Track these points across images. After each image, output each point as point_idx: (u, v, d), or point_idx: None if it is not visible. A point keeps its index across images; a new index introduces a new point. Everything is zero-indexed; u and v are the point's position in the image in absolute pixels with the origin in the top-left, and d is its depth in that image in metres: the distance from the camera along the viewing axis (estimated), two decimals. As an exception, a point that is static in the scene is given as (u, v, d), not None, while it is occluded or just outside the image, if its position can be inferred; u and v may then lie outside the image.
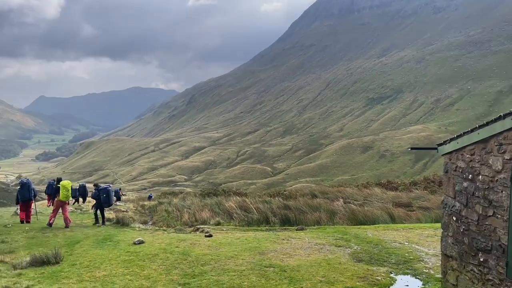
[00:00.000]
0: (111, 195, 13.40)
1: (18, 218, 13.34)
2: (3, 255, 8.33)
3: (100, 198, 13.25)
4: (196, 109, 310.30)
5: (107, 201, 13.28)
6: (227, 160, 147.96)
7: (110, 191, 13.45)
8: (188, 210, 15.69)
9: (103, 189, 13.41)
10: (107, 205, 13.57)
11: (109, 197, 13.27)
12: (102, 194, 13.23)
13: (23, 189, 13.05)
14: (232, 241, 9.59)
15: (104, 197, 13.19)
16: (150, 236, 10.42)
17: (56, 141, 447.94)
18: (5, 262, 7.75)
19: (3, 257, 8.01)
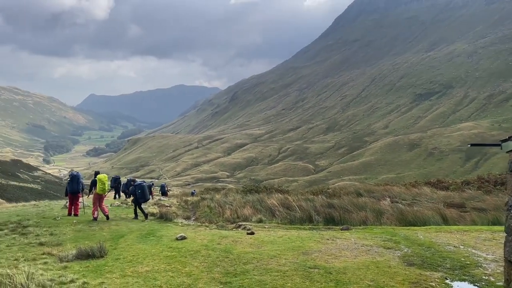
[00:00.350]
0: (145, 191, 13.56)
1: (67, 211, 13.80)
2: (51, 247, 8.54)
3: (136, 194, 13.48)
4: (238, 106, 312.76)
5: (142, 196, 13.46)
6: (268, 157, 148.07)
7: (145, 187, 13.61)
8: (230, 207, 15.62)
9: (138, 185, 13.60)
10: (143, 200, 13.72)
11: (143, 192, 13.44)
12: (137, 190, 13.46)
13: (72, 182, 13.50)
14: (275, 240, 9.34)
15: (139, 193, 13.39)
16: (192, 232, 10.38)
17: (105, 137, 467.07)
18: (52, 255, 7.92)
19: (51, 250, 8.20)
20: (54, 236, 9.84)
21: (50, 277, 6.34)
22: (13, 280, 5.77)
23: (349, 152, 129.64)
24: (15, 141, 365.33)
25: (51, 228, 10.70)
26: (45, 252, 8.05)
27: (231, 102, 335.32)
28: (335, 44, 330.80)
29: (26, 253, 8.13)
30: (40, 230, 10.32)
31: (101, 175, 13.53)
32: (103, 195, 13.46)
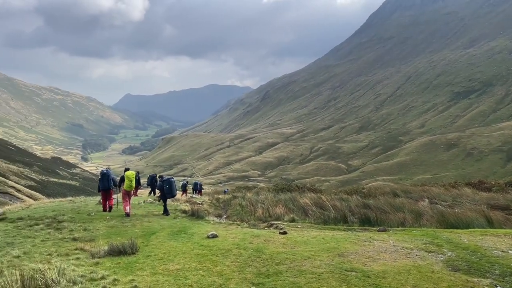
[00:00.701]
0: (173, 186, 13.57)
1: (102, 207, 13.97)
2: (84, 243, 8.56)
3: (164, 189, 13.54)
4: (270, 105, 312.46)
5: (169, 192, 13.49)
6: (300, 156, 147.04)
7: (173, 183, 13.65)
8: (261, 205, 15.36)
9: (166, 180, 13.62)
10: (170, 196, 13.73)
11: (171, 188, 13.47)
12: (165, 185, 13.49)
13: (103, 179, 13.71)
14: (308, 240, 9.01)
15: (167, 188, 13.44)
16: (224, 230, 10.20)
17: (140, 136, 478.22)
18: (85, 250, 7.92)
19: (84, 245, 8.22)
20: (87, 231, 9.90)
21: (81, 273, 6.30)
22: (45, 275, 5.74)
23: (383, 152, 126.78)
24: (56, 139, 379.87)
25: (85, 223, 10.79)
26: (77, 248, 8.07)
27: (262, 101, 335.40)
28: (369, 41, 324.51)
29: (60, 248, 8.18)
30: (74, 226, 10.42)
31: (129, 172, 13.66)
32: (131, 192, 13.54)
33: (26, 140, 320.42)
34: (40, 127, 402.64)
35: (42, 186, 57.82)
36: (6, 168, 58.19)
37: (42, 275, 5.76)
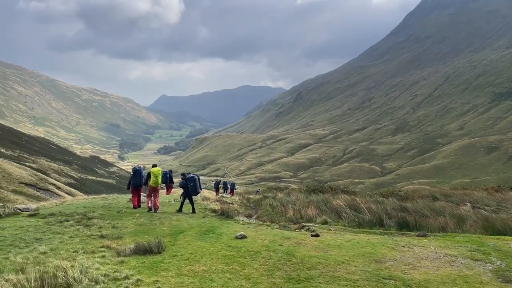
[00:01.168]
0: (197, 184, 13.59)
1: (132, 204, 13.94)
2: (111, 240, 8.43)
3: (188, 187, 13.53)
4: (303, 106, 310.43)
5: (194, 189, 13.52)
6: (333, 158, 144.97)
7: (197, 180, 13.64)
8: (293, 206, 14.90)
9: (190, 178, 13.62)
10: (194, 193, 13.73)
11: (195, 186, 13.50)
12: (189, 183, 13.52)
13: (135, 176, 13.81)
14: (342, 244, 8.50)
15: (191, 186, 13.47)
16: (253, 231, 9.83)
17: (174, 136, 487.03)
18: (111, 248, 7.76)
19: (110, 243, 8.07)
20: (115, 229, 9.79)
21: (104, 272, 6.10)
22: (67, 273, 5.56)
23: (420, 154, 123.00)
24: (94, 139, 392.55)
25: (114, 220, 10.71)
26: (104, 245, 7.93)
27: (295, 102, 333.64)
28: (406, 41, 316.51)
29: (87, 245, 8.06)
30: (103, 223, 10.36)
31: (155, 168, 13.83)
32: (157, 188, 13.61)
33: (67, 139, 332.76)
34: (80, 127, 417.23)
35: (81, 184, 59.56)
36: (47, 166, 60.38)
37: (64, 273, 5.59)
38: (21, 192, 35.37)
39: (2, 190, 32.89)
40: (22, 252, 7.34)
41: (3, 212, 10.90)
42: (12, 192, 33.66)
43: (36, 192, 37.63)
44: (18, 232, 9.00)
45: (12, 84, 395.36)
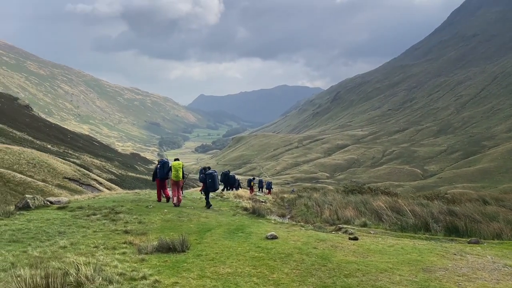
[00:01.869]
0: (216, 180, 13.53)
1: (163, 200, 13.60)
2: (135, 236, 8.01)
3: (206, 183, 13.48)
4: (341, 106, 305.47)
5: (212, 185, 13.46)
6: (371, 160, 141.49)
7: (215, 177, 13.56)
8: (329, 207, 14.06)
9: (209, 174, 13.58)
10: (212, 189, 13.63)
11: (214, 182, 13.44)
12: (208, 179, 13.46)
13: (163, 168, 13.66)
14: (384, 249, 7.65)
15: (209, 182, 13.41)
16: (285, 232, 9.14)
17: (211, 135, 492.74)
18: (133, 244, 7.32)
19: (133, 239, 7.64)
20: (142, 224, 9.39)
21: (121, 271, 5.62)
22: (80, 271, 5.11)
23: (464, 157, 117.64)
24: (135, 137, 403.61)
25: (141, 216, 10.33)
26: (126, 241, 7.50)
27: (333, 102, 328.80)
28: (451, 39, 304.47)
29: (109, 240, 7.66)
30: (130, 217, 9.99)
31: (175, 162, 13.71)
32: (179, 182, 13.42)
33: (109, 137, 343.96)
34: (122, 125, 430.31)
35: (121, 180, 60.95)
36: (90, 162, 62.24)
37: (77, 270, 5.14)
38: (65, 187, 36.38)
39: (47, 184, 33.93)
40: (42, 245, 7.02)
41: (32, 204, 10.79)
42: (56, 187, 34.65)
43: (78, 187, 38.63)
44: (43, 225, 8.76)
45: (60, 83, 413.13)
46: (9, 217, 9.58)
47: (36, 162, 39.02)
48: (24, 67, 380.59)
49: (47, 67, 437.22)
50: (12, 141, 50.95)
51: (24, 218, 9.50)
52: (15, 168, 34.96)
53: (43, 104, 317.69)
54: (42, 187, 31.34)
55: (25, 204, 10.64)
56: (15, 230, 8.18)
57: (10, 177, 30.42)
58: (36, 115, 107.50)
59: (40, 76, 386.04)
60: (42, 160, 40.13)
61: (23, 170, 35.76)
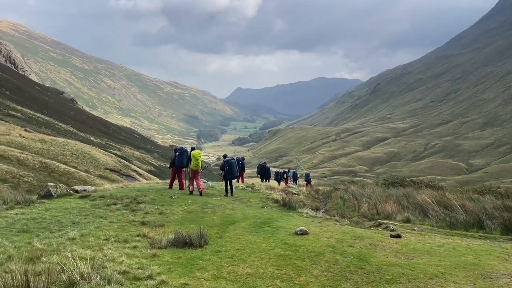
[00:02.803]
0: (233, 167, 13.22)
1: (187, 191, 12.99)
2: (151, 228, 7.37)
3: (224, 170, 13.22)
4: (381, 98, 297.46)
5: (229, 173, 13.15)
6: (412, 153, 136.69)
7: (233, 164, 13.30)
8: (368, 200, 12.92)
9: (227, 161, 13.37)
10: (230, 177, 13.24)
11: (231, 169, 13.15)
12: (225, 166, 13.19)
13: (182, 156, 13.49)
14: (433, 249, 6.59)
15: (227, 169, 13.13)
16: (318, 227, 8.20)
17: (248, 128, 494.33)
18: (148, 237, 6.66)
19: (149, 231, 6.99)
20: (162, 215, 8.75)
21: (125, 268, 4.93)
22: (75, 267, 4.46)
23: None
24: (174, 129, 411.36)
25: (164, 206, 9.70)
26: (141, 234, 6.85)
27: (372, 94, 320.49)
28: (499, 27, 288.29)
29: (123, 232, 7.05)
30: (151, 208, 9.39)
31: (195, 151, 13.49)
32: (198, 170, 13.19)
33: (150, 130, 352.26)
34: (161, 118, 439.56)
35: (160, 171, 61.72)
36: (130, 154, 63.42)
37: (74, 267, 4.49)
38: (106, 177, 36.95)
39: (89, 174, 34.55)
40: (50, 237, 6.50)
41: (55, 192, 10.44)
42: (98, 177, 35.22)
43: (119, 177, 39.16)
44: (59, 214, 8.30)
45: (103, 77, 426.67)
46: (29, 205, 9.24)
47: (79, 153, 40.01)
48: (70, 62, 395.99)
49: (91, 62, 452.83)
50: (57, 133, 52.57)
51: (43, 206, 9.12)
52: (59, 159, 35.89)
53: (87, 98, 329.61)
54: (85, 177, 31.93)
55: (47, 193, 10.30)
56: (30, 219, 7.76)
57: (54, 168, 31.18)
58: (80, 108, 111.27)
59: (84, 71, 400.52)
60: (85, 152, 41.11)
61: (67, 161, 36.70)
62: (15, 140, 36.33)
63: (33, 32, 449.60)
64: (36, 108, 65.48)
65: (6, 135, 36.80)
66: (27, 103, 66.66)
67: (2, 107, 51.91)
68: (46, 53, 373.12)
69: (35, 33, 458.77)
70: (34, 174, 27.79)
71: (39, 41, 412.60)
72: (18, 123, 46.02)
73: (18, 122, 47.52)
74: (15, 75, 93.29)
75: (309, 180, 30.66)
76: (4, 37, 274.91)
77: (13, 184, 23.28)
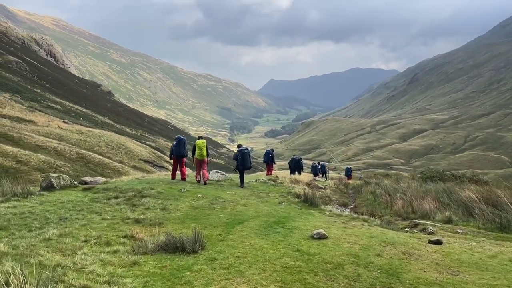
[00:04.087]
0: (246, 158, 12.59)
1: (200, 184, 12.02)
2: (145, 227, 6.39)
3: (237, 160, 12.63)
4: (418, 89, 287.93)
5: (241, 163, 12.50)
6: (452, 146, 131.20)
7: (246, 154, 12.67)
8: (402, 196, 11.50)
9: (239, 151, 12.76)
10: (242, 168, 12.51)
11: (243, 159, 12.51)
12: (238, 155, 12.59)
13: (179, 145, 12.90)
14: (482, 261, 5.26)
15: (239, 160, 12.50)
16: (340, 228, 6.97)
17: (281, 120, 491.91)
18: (136, 239, 5.67)
19: (140, 231, 6.00)
20: (164, 211, 7.77)
21: (85, 283, 3.93)
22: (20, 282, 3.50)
23: None
24: (208, 122, 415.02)
25: (169, 201, 8.73)
26: (128, 235, 5.87)
27: (410, 84, 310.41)
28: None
29: (110, 232, 6.10)
30: (154, 202, 8.44)
31: (199, 140, 12.88)
32: (204, 160, 12.52)
33: (184, 122, 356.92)
34: (195, 110, 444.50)
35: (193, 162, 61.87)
36: (164, 145, 63.74)
37: (18, 281, 3.53)
38: (140, 168, 36.98)
39: (123, 165, 34.64)
40: (26, 236, 5.64)
41: (57, 184, 9.71)
42: (132, 168, 35.26)
43: (152, 168, 39.16)
44: (51, 209, 7.49)
45: (139, 70, 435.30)
46: (26, 197, 8.52)
47: (114, 145, 40.59)
48: (108, 56, 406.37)
49: (127, 55, 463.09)
50: (94, 124, 53.53)
51: (39, 199, 8.37)
52: (95, 149, 36.46)
53: (124, 91, 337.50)
54: (119, 168, 32.15)
55: (49, 184, 9.58)
56: (17, 214, 6.98)
57: (90, 158, 31.66)
58: (117, 101, 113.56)
59: (121, 64, 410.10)
60: (120, 143, 41.58)
61: (103, 151, 37.26)
62: (53, 131, 37.11)
63: (73, 27, 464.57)
64: (74, 101, 67.06)
65: (45, 126, 37.81)
66: (66, 95, 68.39)
67: (43, 99, 53.46)
68: (85, 47, 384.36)
69: (75, 28, 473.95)
70: (71, 165, 28.04)
71: (78, 35, 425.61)
72: (57, 115, 47.22)
73: (57, 114, 48.77)
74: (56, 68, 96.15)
75: (349, 175, 29.37)
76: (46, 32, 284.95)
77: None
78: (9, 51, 75.50)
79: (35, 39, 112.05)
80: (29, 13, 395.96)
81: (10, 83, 53.14)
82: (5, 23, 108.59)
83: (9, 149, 23.66)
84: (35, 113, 42.94)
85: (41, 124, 38.27)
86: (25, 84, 58.42)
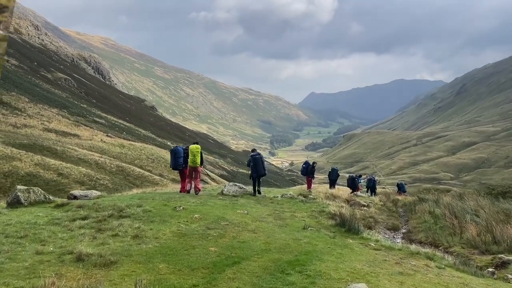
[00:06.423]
0: (259, 164, 11.80)
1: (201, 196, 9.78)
2: (84, 269, 4.12)
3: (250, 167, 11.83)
4: (467, 100, 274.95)
5: (254, 170, 11.71)
6: (505, 159, 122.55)
7: (258, 160, 11.88)
8: (474, 218, 8.62)
9: (252, 157, 12.00)
10: (255, 175, 11.74)
11: (256, 166, 11.75)
12: (250, 162, 11.81)
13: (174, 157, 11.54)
14: None
15: (252, 166, 11.75)
16: (394, 276, 4.36)
17: (322, 133, 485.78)
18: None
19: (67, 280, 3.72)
20: (135, 240, 5.48)
21: None
22: None
23: None
24: (248, 135, 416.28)
25: (152, 224, 6.41)
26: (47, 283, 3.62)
27: (457, 95, 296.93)
28: None
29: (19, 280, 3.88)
30: (129, 226, 6.15)
31: (193, 145, 11.43)
32: (197, 168, 11.33)
33: (225, 135, 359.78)
34: (236, 124, 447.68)
35: (232, 176, 60.38)
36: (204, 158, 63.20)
37: None
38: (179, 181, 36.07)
39: (163, 178, 33.68)
40: None
41: (25, 199, 7.73)
42: (171, 181, 34.29)
43: (192, 181, 38.23)
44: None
45: (182, 86, 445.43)
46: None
47: (154, 158, 40.49)
48: (152, 72, 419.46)
49: (171, 71, 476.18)
50: (137, 138, 53.86)
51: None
52: (136, 162, 36.35)
53: (167, 106, 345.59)
54: (158, 180, 31.58)
55: (15, 199, 7.63)
56: None
57: (130, 171, 31.51)
58: (159, 115, 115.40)
59: (165, 80, 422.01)
60: (160, 156, 41.37)
61: (143, 164, 37.03)
62: (96, 144, 37.25)
63: (120, 46, 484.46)
64: (119, 115, 68.11)
65: (89, 140, 38.33)
66: (111, 110, 69.68)
67: (88, 114, 54.49)
68: (131, 65, 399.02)
69: (122, 46, 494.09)
70: (110, 177, 27.35)
71: (125, 53, 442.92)
72: (101, 129, 47.87)
73: (102, 128, 49.45)
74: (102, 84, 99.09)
75: (403, 190, 24.74)
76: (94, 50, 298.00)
77: (89, 187, 22.71)
78: (59, 68, 78.11)
79: (84, 57, 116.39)
80: (79, 33, 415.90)
81: (58, 99, 54.63)
82: (57, 43, 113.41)
83: (52, 162, 23.39)
84: (80, 127, 43.72)
85: (85, 137, 38.76)
86: (72, 99, 59.91)
